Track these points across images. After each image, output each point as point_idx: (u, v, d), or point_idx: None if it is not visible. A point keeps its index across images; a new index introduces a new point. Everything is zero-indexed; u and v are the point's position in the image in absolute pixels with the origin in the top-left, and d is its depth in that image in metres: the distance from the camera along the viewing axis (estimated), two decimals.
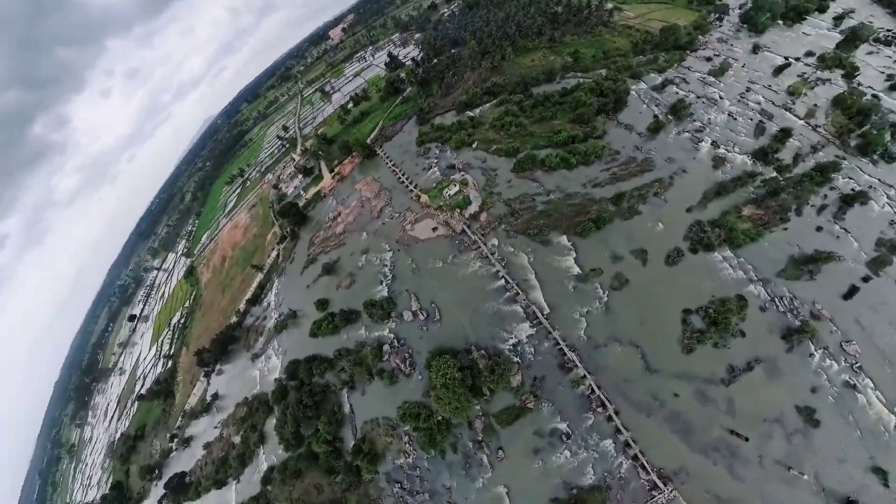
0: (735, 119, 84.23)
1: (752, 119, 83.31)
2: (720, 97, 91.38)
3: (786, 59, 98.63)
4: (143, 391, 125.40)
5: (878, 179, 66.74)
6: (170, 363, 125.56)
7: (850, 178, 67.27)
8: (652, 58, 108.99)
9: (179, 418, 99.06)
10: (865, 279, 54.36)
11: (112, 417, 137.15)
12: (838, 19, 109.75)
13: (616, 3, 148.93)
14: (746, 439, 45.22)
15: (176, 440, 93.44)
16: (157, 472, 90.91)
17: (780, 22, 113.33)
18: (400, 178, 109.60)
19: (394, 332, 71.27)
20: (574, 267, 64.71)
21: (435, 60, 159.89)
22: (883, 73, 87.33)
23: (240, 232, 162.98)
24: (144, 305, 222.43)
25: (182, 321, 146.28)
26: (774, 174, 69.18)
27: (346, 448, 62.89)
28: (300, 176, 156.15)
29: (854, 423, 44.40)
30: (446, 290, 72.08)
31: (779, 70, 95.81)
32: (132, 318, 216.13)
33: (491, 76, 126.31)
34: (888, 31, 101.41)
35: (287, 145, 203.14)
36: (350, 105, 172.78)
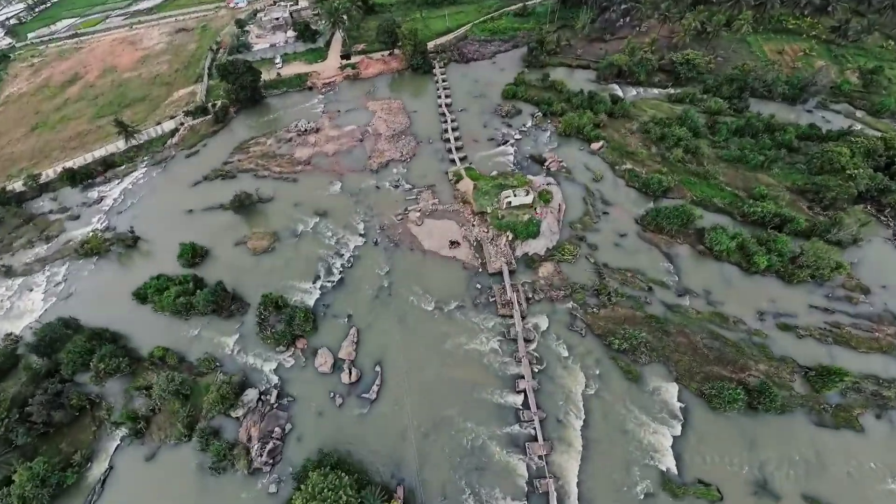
0: None
1: None
2: None
3: None
4: None
5: None
6: None
7: None
8: None
9: None
10: None
11: None
12: None
13: None
14: None
15: None
16: None
17: None
18: (446, 130, 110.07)
19: (280, 377, 70.23)
20: (668, 454, 58.21)
21: None
22: None
23: (134, 56, 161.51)
24: None
25: None
26: None
27: None
28: (290, 33, 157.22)
29: None
30: (416, 357, 70.32)
31: None
32: None
33: (689, 45, 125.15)
34: None
35: None
36: None
